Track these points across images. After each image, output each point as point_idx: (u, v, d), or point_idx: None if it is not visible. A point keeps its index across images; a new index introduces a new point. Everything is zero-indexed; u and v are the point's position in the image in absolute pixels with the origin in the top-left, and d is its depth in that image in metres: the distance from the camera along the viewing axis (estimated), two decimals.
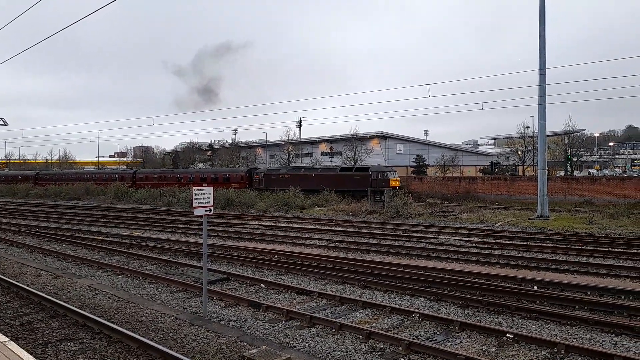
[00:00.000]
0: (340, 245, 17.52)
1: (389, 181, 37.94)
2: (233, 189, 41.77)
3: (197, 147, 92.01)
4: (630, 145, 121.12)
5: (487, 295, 10.09)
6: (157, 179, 54.45)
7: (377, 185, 37.36)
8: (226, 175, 50.43)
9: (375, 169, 39.66)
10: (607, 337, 7.68)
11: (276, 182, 42.74)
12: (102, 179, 59.63)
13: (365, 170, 39.70)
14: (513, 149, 65.15)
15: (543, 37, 25.67)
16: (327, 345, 7.40)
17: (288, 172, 44.57)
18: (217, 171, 55.34)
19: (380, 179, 37.77)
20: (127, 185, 51.98)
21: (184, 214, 30.20)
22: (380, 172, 38.76)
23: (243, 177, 47.85)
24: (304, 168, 46.20)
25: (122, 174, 60.93)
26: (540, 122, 26.63)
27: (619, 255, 14.66)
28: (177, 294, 10.90)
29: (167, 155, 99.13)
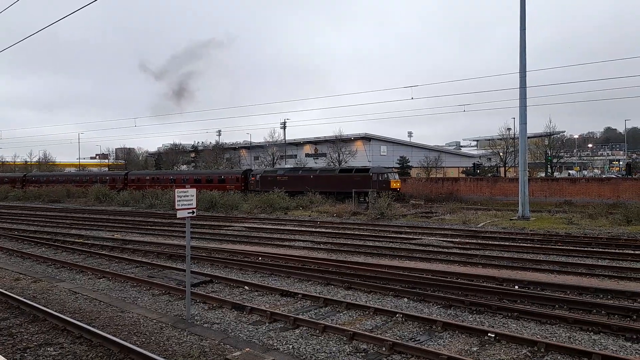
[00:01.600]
0: (325, 247, 17.54)
1: (390, 182, 37.29)
2: (229, 191, 41.30)
3: (180, 148, 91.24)
4: (609, 147, 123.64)
5: (470, 295, 10.20)
6: (150, 181, 53.36)
7: (378, 186, 36.59)
8: (221, 177, 49.60)
9: (376, 170, 38.92)
10: (586, 335, 7.82)
11: (273, 184, 41.72)
12: (92, 181, 58.46)
13: (365, 171, 39.01)
14: (495, 150, 66.07)
15: (523, 41, 26.08)
16: (311, 346, 7.40)
17: (285, 174, 43.63)
18: (212, 173, 54.48)
19: (381, 181, 37.13)
20: (119, 188, 51.10)
21: (167, 216, 29.91)
22: (381, 174, 38.06)
23: (239, 179, 47.13)
24: (302, 169, 45.22)
25: (113, 176, 59.76)
26: (521, 124, 27.04)
27: (598, 255, 14.96)
28: (160, 297, 10.80)
29: (149, 157, 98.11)
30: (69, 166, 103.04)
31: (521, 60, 26.09)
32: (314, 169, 45.66)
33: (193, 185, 46.69)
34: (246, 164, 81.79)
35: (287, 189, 38.88)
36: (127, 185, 53.55)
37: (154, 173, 60.18)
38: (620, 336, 7.67)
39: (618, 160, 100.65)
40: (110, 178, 58.42)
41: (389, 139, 74.63)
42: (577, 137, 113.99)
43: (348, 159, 63.09)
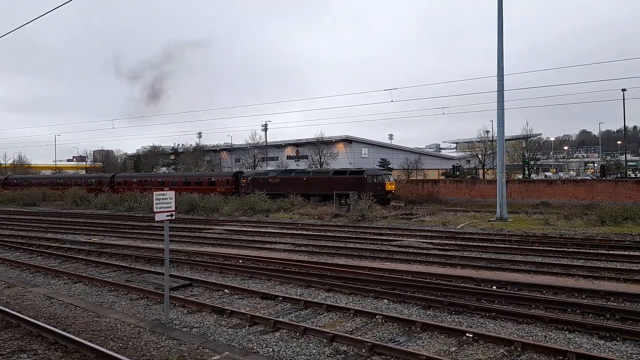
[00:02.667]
0: (306, 249, 17.53)
1: (385, 185, 36.81)
2: (219, 194, 40.62)
3: (159, 150, 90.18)
4: (584, 150, 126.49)
5: (449, 295, 10.31)
6: (137, 184, 52.24)
7: (373, 189, 36.10)
8: (211, 179, 48.90)
9: (371, 172, 38.46)
10: (562, 334, 7.98)
11: (265, 187, 40.89)
12: (77, 184, 57.18)
13: (360, 173, 38.54)
14: (474, 152, 67.03)
15: (501, 46, 26.51)
16: (291, 349, 7.39)
17: (277, 176, 42.82)
18: (202, 175, 53.59)
19: (376, 183, 36.68)
20: (105, 190, 50.04)
21: (147, 219, 29.51)
22: (376, 176, 37.56)
23: (229, 182, 46.42)
24: (295, 172, 44.45)
25: (99, 178, 58.45)
26: (499, 126, 27.47)
27: (573, 255, 15.27)
28: (138, 301, 10.64)
29: (128, 159, 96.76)
30: (45, 169, 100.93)
31: (499, 64, 26.53)
32: (307, 171, 44.97)
33: (182, 188, 46.39)
34: (227, 166, 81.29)
35: (279, 192, 38.18)
36: (113, 188, 52.50)
37: (141, 175, 59.01)
38: (594, 334, 7.84)
39: (593, 163, 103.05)
40: (96, 181, 57.22)
41: (370, 141, 75.11)
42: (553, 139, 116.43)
43: (329, 161, 63.28)
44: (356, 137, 72.07)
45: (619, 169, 63.69)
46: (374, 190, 36.26)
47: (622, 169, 62.44)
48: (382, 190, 36.64)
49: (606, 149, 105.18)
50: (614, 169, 65.73)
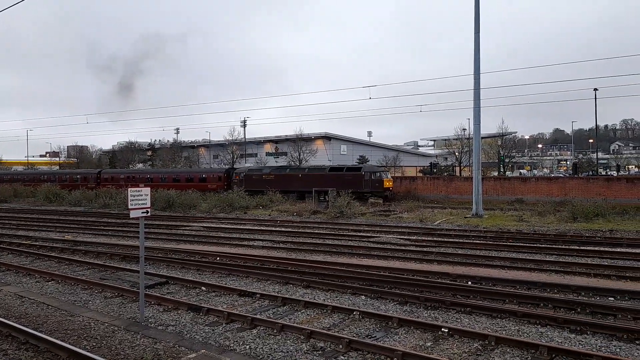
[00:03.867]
0: (284, 246, 17.50)
1: (383, 182, 36.10)
2: (210, 191, 39.88)
3: (136, 146, 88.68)
4: (557, 148, 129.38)
5: (425, 291, 10.43)
6: (125, 180, 50.83)
7: (371, 186, 35.56)
8: (202, 175, 48.01)
9: (368, 169, 37.85)
10: (534, 328, 8.16)
11: (258, 183, 40.22)
12: (62, 180, 55.57)
13: (357, 170, 37.95)
14: (451, 150, 67.87)
15: (477, 45, 26.87)
16: (268, 346, 7.37)
17: (272, 172, 41.92)
18: (192, 171, 52.45)
19: (374, 180, 35.98)
20: (91, 187, 48.67)
21: (122, 216, 29.00)
22: (374, 172, 36.81)
23: (221, 178, 45.64)
24: (290, 168, 43.57)
25: (84, 175, 56.79)
26: (475, 124, 27.89)
27: (546, 251, 15.62)
28: (113, 299, 10.47)
29: (103, 155, 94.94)
30: (16, 165, 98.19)
31: (475, 63, 26.89)
32: (303, 167, 44.08)
33: (172, 184, 45.55)
34: (205, 162, 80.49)
35: (274, 189, 37.36)
36: (100, 185, 51.14)
37: (129, 172, 57.65)
38: (566, 328, 8.04)
39: (565, 160, 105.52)
40: (82, 177, 55.71)
41: (349, 138, 75.32)
42: (527, 137, 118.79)
43: (308, 157, 63.22)
44: (335, 134, 72.17)
45: (591, 166, 65.36)
46: (372, 187, 35.62)
47: (593, 167, 64.09)
48: (381, 187, 35.90)
49: (578, 147, 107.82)
50: (586, 167, 67.40)
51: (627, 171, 79.74)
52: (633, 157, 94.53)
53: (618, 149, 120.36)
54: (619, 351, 7.03)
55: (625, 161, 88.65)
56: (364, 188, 35.81)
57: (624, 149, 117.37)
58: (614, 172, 67.78)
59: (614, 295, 9.98)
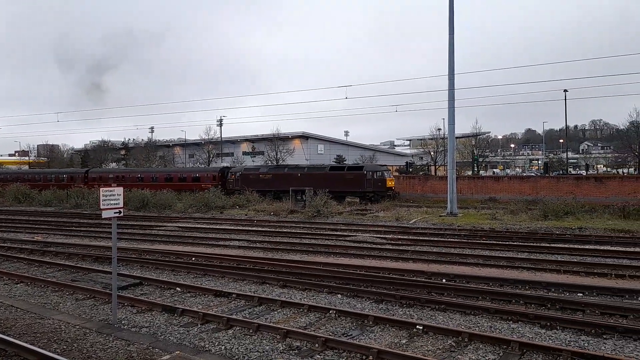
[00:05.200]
0: (261, 246, 17.43)
1: (385, 181, 35.10)
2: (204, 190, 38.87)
3: (109, 145, 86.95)
4: (529, 147, 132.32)
5: (400, 289, 10.54)
6: (114, 180, 49.01)
7: (373, 186, 34.52)
8: (195, 175, 46.53)
9: (371, 168, 36.83)
10: (506, 324, 8.33)
11: (255, 183, 38.72)
12: (47, 179, 53.64)
13: (359, 169, 36.92)
14: (426, 149, 68.66)
15: (452, 45, 27.24)
16: (244, 346, 7.33)
17: (269, 172, 40.54)
18: (185, 170, 50.97)
19: (376, 179, 34.89)
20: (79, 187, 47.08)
21: (95, 217, 28.40)
22: (376, 172, 35.71)
23: (215, 177, 44.31)
24: (288, 167, 42.07)
25: (71, 174, 54.85)
26: (449, 124, 28.28)
27: (518, 248, 15.96)
28: (84, 301, 10.25)
29: (75, 154, 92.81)
30: None
31: (450, 64, 27.25)
32: (301, 166, 42.53)
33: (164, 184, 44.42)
34: (181, 162, 79.48)
35: (271, 188, 36.29)
36: (87, 184, 49.45)
37: (118, 171, 55.94)
38: (536, 324, 8.23)
39: (537, 160, 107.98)
40: (69, 176, 53.89)
41: (326, 137, 75.45)
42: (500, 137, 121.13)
43: (286, 157, 63.09)
44: (313, 133, 72.21)
45: (561, 166, 67.05)
46: (374, 186, 34.56)
47: (563, 166, 65.75)
48: (383, 187, 34.81)
49: (549, 146, 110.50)
50: (557, 166, 69.15)
51: (596, 170, 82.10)
52: (601, 157, 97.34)
53: (587, 148, 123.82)
54: (587, 345, 7.24)
55: (594, 161, 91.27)
56: (367, 188, 34.65)
57: (592, 149, 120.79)
58: (584, 172, 69.71)
59: (583, 291, 10.26)
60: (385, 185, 35.01)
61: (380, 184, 34.69)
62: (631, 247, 16.21)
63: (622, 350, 7.03)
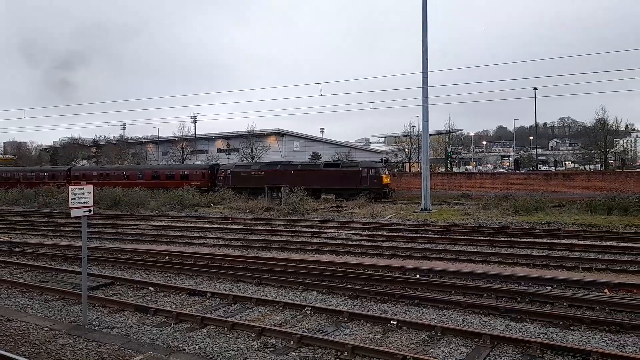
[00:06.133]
0: (236, 244, 17.32)
1: (381, 178, 34.70)
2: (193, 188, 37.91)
3: (79, 142, 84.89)
4: (500, 144, 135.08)
5: (375, 285, 10.62)
6: (98, 177, 47.78)
7: (369, 182, 34.16)
8: (184, 172, 45.46)
9: (366, 165, 36.36)
10: (478, 317, 8.49)
11: (247, 181, 37.99)
12: (27, 178, 51.72)
13: (354, 166, 36.44)
14: (401, 146, 69.33)
15: (425, 44, 27.55)
16: (219, 345, 7.28)
17: (262, 169, 39.66)
18: (173, 168, 49.64)
19: (372, 176, 34.48)
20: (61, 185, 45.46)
21: (64, 216, 27.70)
22: (372, 168, 35.32)
23: (205, 175, 43.39)
24: (281, 164, 41.25)
25: (53, 172, 53.02)
26: (423, 121, 28.60)
27: (489, 243, 16.28)
28: (53, 302, 9.99)
29: (44, 152, 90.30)
30: None
31: (423, 63, 27.56)
32: (295, 163, 41.82)
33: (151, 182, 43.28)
34: (154, 159, 78.16)
35: (263, 186, 35.37)
36: (70, 183, 47.91)
37: (103, 168, 54.09)
38: (507, 317, 8.42)
39: (508, 156, 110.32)
40: (50, 174, 52.03)
41: (302, 134, 75.36)
42: (473, 134, 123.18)
43: (261, 154, 62.78)
44: (288, 130, 71.99)
45: (531, 162, 68.66)
46: (370, 184, 34.27)
47: (533, 163, 67.34)
48: (379, 184, 34.46)
49: (520, 143, 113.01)
50: (527, 163, 70.80)
51: (564, 166, 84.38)
52: (569, 153, 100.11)
53: (556, 145, 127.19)
54: (555, 337, 7.44)
55: (562, 157, 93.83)
56: (362, 185, 34.38)
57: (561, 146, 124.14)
58: (553, 168, 71.54)
59: (552, 284, 10.54)
60: (381, 182, 34.69)
61: (376, 180, 34.37)
62: (597, 240, 16.74)
63: (589, 341, 7.25)
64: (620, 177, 34.67)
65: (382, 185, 34.75)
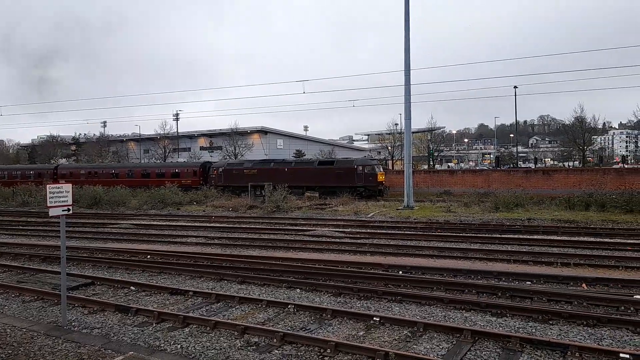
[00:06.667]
0: (219, 242, 17.22)
1: (376, 176, 34.46)
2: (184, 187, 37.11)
3: (58, 140, 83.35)
4: (482, 142, 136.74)
5: (358, 282, 10.67)
6: (86, 176, 46.55)
7: (364, 180, 33.89)
8: (175, 170, 44.45)
9: (361, 162, 36.01)
10: (459, 313, 8.59)
11: (239, 179, 37.27)
12: (12, 177, 50.27)
13: (349, 163, 36.12)
14: (384, 144, 69.70)
15: (407, 42, 27.70)
16: (201, 344, 7.23)
17: (254, 167, 38.99)
18: (164, 166, 48.57)
19: (367, 174, 34.15)
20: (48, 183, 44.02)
21: (43, 215, 27.18)
22: (367, 166, 34.99)
23: (196, 173, 42.52)
24: (274, 162, 40.52)
25: (39, 170, 51.55)
26: (406, 119, 28.79)
27: (471, 240, 16.48)
28: (32, 303, 9.81)
29: (21, 150, 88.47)
30: None
31: (406, 60, 27.72)
32: (289, 161, 41.32)
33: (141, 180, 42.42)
34: (135, 157, 77.18)
35: (257, 184, 35.12)
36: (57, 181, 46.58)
37: (91, 166, 52.77)
38: (488, 312, 8.53)
39: (489, 154, 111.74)
40: (36, 173, 50.60)
41: (286, 132, 75.16)
42: (455, 132, 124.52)
43: (244, 152, 62.45)
44: (272, 128, 71.75)
45: (512, 159, 69.63)
46: (365, 181, 34.01)
47: (514, 160, 68.31)
48: (374, 181, 34.22)
49: (501, 141, 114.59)
50: (508, 160, 71.79)
51: (544, 164, 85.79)
52: (549, 151, 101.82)
53: (536, 143, 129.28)
54: (534, 331, 7.57)
55: (542, 154, 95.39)
56: (357, 182, 34.16)
57: (541, 143, 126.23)
58: (532, 165, 72.69)
59: (531, 279, 10.72)
60: (377, 180, 34.57)
61: (371, 178, 34.15)
62: (575, 236, 17.08)
63: (567, 334, 7.40)
64: (598, 174, 35.37)
65: (378, 182, 34.70)
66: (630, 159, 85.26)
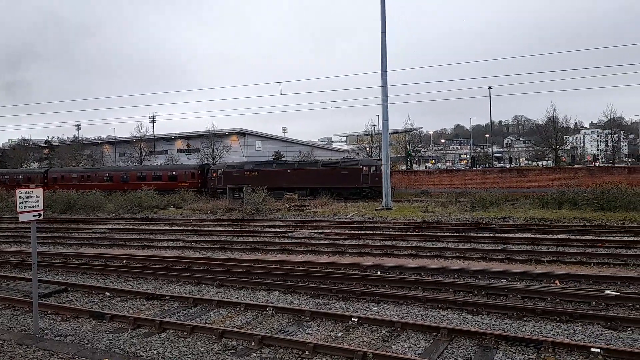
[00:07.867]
0: (197, 245, 17.03)
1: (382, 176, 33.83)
2: (182, 189, 35.57)
3: (30, 144, 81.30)
4: (458, 142, 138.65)
5: (337, 283, 10.69)
6: (78, 180, 44.98)
7: (370, 181, 33.22)
8: (172, 173, 43.20)
9: (367, 163, 35.36)
10: (436, 312, 8.68)
11: (240, 181, 36.02)
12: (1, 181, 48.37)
13: (354, 164, 35.36)
14: (362, 145, 70.09)
15: (384, 44, 27.91)
16: (178, 349, 7.14)
17: (255, 169, 37.84)
18: (160, 168, 47.07)
19: (373, 174, 33.39)
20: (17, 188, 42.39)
21: (14, 220, 26.46)
22: (372, 166, 34.29)
23: (194, 175, 41.36)
24: (276, 163, 39.47)
25: (28, 174, 49.65)
26: (383, 121, 29.00)
27: (448, 239, 16.68)
28: (2, 311, 9.53)
29: None
30: None
31: (382, 61, 27.92)
32: (291, 162, 40.19)
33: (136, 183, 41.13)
34: (110, 160, 75.83)
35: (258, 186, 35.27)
36: (47, 185, 44.49)
37: (83, 170, 51.18)
38: (464, 310, 8.65)
39: (466, 154, 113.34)
40: (25, 177, 48.56)
41: (264, 134, 74.91)
42: (432, 133, 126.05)
43: (222, 154, 61.98)
44: (250, 129, 71.39)
45: (487, 159, 70.77)
46: (372, 182, 33.33)
47: (489, 160, 69.45)
48: (380, 182, 32.69)
49: (477, 141, 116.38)
50: (483, 160, 72.93)
51: (518, 163, 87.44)
52: (523, 151, 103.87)
53: (511, 143, 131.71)
54: (509, 328, 7.70)
55: (516, 154, 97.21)
56: (363, 183, 33.58)
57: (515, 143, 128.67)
58: (507, 165, 74.02)
59: (506, 277, 10.90)
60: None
61: (377, 179, 33.11)
62: (549, 234, 17.45)
63: (541, 330, 7.55)
64: (570, 172, 36.25)
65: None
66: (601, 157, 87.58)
